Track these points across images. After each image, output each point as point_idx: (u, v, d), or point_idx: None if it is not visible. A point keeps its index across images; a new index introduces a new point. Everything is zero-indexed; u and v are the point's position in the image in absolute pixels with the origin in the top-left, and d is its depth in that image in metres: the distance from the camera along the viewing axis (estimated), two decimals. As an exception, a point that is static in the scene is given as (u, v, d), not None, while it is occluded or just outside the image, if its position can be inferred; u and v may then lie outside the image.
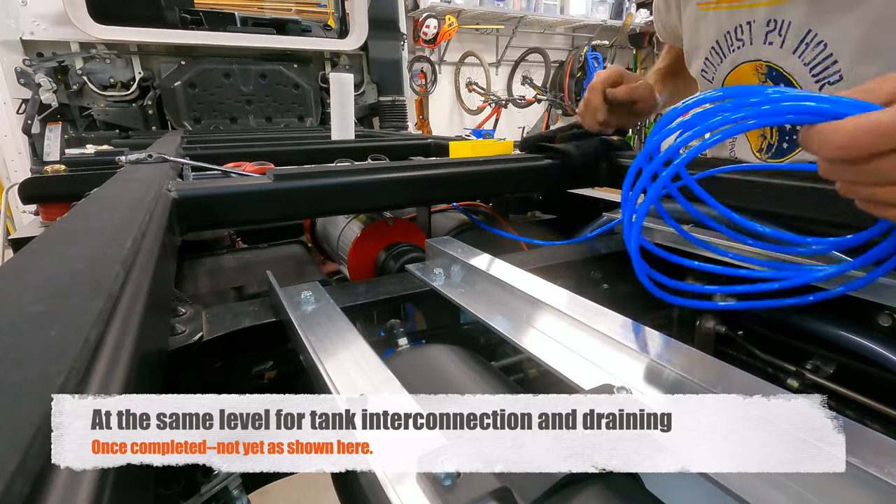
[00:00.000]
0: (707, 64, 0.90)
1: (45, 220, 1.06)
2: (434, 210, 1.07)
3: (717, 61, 0.88)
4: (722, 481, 0.29)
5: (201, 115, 2.44)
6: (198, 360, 0.52)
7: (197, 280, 0.92)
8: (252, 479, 0.58)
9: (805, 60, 0.74)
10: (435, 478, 0.26)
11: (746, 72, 0.84)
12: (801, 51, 0.74)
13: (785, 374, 0.74)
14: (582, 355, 0.44)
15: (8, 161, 2.32)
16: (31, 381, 0.20)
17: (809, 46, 0.73)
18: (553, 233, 1.08)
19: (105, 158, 1.23)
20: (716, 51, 0.87)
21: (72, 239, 0.41)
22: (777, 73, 0.79)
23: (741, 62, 0.84)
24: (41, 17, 2.16)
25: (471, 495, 0.25)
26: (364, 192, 0.79)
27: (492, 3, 5.26)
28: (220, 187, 0.71)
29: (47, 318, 0.26)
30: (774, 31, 0.77)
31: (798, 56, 0.75)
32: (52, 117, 2.17)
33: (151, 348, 0.37)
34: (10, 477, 0.15)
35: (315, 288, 0.57)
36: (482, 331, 0.72)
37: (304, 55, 2.67)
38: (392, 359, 0.50)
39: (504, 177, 0.92)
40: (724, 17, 0.83)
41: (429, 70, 5.31)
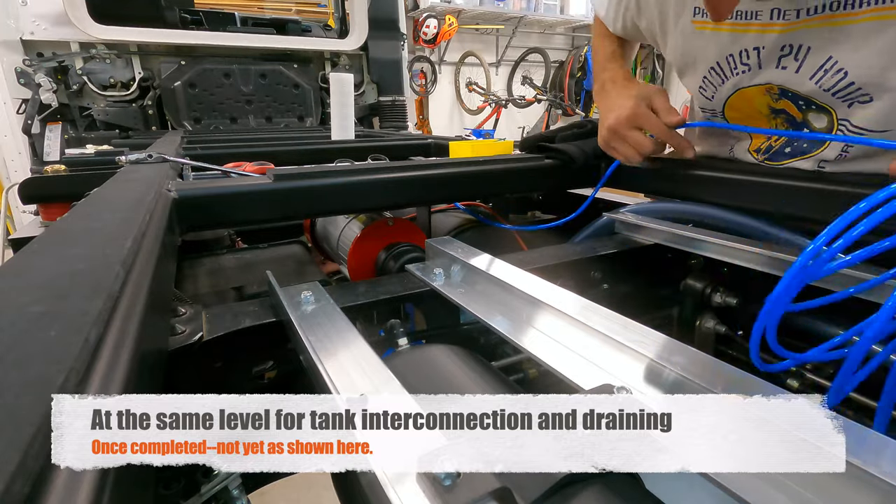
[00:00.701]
0: (706, 83, 0.85)
1: (45, 220, 1.06)
2: (434, 210, 1.07)
3: (717, 82, 0.83)
4: (722, 481, 0.29)
5: (201, 115, 2.44)
6: (198, 360, 0.52)
7: (197, 280, 0.92)
8: (252, 479, 0.58)
9: (825, 87, 0.70)
10: (435, 478, 0.26)
11: (754, 94, 0.80)
12: (820, 77, 0.70)
13: (785, 373, 0.74)
14: (582, 355, 0.44)
15: (8, 161, 2.32)
16: (31, 381, 0.20)
17: (829, 73, 0.69)
18: (553, 233, 1.08)
19: (105, 158, 1.23)
20: (716, 72, 0.82)
21: (72, 239, 0.41)
22: (793, 94, 0.75)
23: (747, 86, 0.79)
24: (41, 17, 2.16)
25: (471, 495, 0.25)
26: (364, 192, 0.79)
27: (492, 3, 5.26)
28: (220, 187, 0.71)
29: (47, 318, 0.26)
30: (790, 55, 0.72)
31: (816, 82, 0.71)
32: (52, 117, 2.17)
33: (151, 348, 0.37)
34: (10, 477, 0.15)
35: (315, 288, 0.57)
36: (482, 331, 0.72)
37: (304, 55, 2.67)
38: (392, 359, 0.50)
39: (504, 177, 0.92)
40: (726, 39, 0.78)
41: (429, 70, 5.31)
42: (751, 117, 0.85)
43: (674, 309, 0.88)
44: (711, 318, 0.83)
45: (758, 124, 0.85)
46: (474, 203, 1.11)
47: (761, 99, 0.80)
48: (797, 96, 0.75)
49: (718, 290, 0.79)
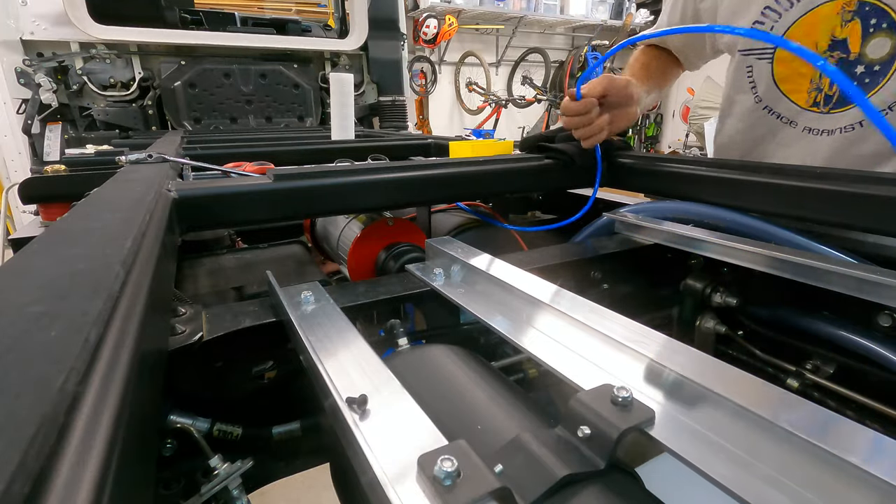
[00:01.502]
0: (767, 13, 0.82)
1: (45, 220, 1.05)
2: (434, 210, 1.07)
3: (784, 7, 0.80)
4: (722, 481, 0.29)
5: (201, 115, 2.44)
6: (198, 360, 0.52)
7: (197, 280, 0.92)
8: (252, 479, 0.58)
9: None
10: (435, 478, 0.26)
11: (825, 14, 0.77)
12: None
13: (785, 374, 0.74)
14: (582, 355, 0.44)
15: (8, 161, 2.32)
16: (31, 381, 0.20)
17: None
18: (553, 233, 1.08)
19: (105, 158, 1.23)
20: None
21: (72, 239, 0.41)
22: (872, 6, 0.73)
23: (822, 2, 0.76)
24: (41, 17, 2.16)
25: (471, 495, 0.25)
26: (364, 192, 0.79)
27: (492, 3, 5.26)
28: (220, 187, 0.71)
29: (47, 318, 0.26)
30: None
31: None
32: (52, 117, 2.17)
33: (151, 348, 0.37)
34: (10, 477, 0.15)
35: (315, 288, 0.57)
36: (482, 331, 0.72)
37: (304, 55, 2.67)
38: (392, 359, 0.50)
39: (504, 177, 0.92)
40: None
41: (429, 70, 5.31)
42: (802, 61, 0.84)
43: (674, 309, 0.88)
44: (711, 318, 0.83)
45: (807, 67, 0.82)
46: (474, 203, 1.11)
47: (829, 23, 0.78)
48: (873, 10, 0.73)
49: (718, 290, 0.79)
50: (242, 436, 0.55)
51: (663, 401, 0.36)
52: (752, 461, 0.30)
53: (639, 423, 0.32)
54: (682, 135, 5.87)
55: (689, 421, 0.34)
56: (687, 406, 0.36)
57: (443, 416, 0.39)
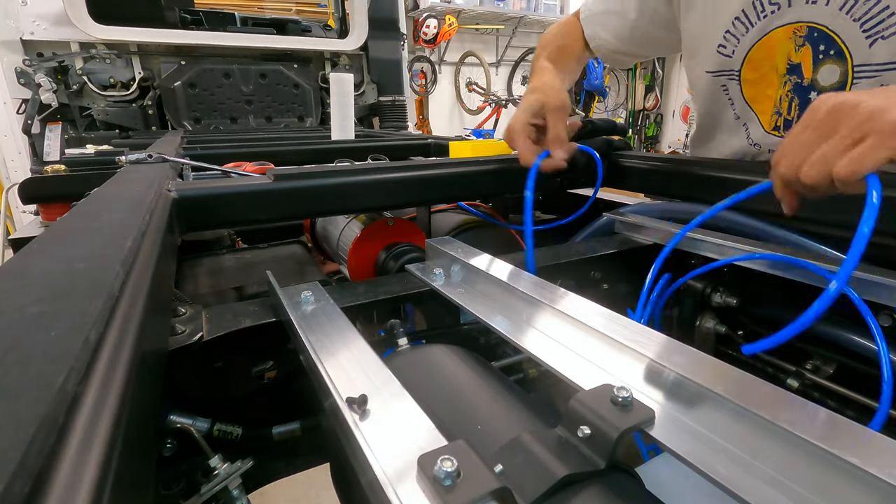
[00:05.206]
0: (728, 36, 0.84)
1: (45, 220, 1.05)
2: (434, 210, 1.07)
3: (741, 32, 0.82)
4: (722, 481, 0.29)
5: (201, 115, 2.44)
6: (198, 360, 0.52)
7: (197, 280, 0.92)
8: (252, 479, 0.58)
9: (855, 16, 0.70)
10: (435, 478, 0.26)
11: (779, 38, 0.79)
12: (851, 5, 0.70)
13: (785, 374, 0.74)
14: (582, 355, 0.44)
15: (8, 161, 2.32)
16: (31, 381, 0.20)
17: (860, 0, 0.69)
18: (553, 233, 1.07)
19: (105, 158, 1.23)
20: (741, 21, 0.81)
21: (72, 239, 0.41)
22: (820, 33, 0.74)
23: (773, 28, 0.79)
24: (41, 17, 2.16)
25: (471, 495, 0.25)
26: (364, 192, 0.79)
27: (492, 3, 5.26)
28: (220, 187, 0.71)
29: (47, 318, 0.26)
30: None
31: (847, 12, 0.71)
32: (52, 117, 2.17)
33: (151, 348, 0.37)
34: (10, 477, 0.15)
35: (315, 288, 0.57)
36: (482, 331, 0.72)
37: (304, 55, 2.67)
38: (392, 359, 0.50)
39: (504, 177, 0.92)
40: None
41: (429, 70, 5.30)
42: (766, 78, 0.84)
43: (674, 309, 0.88)
44: (711, 318, 0.83)
45: (772, 89, 0.83)
46: (474, 203, 1.11)
47: (784, 47, 0.79)
48: (821, 37, 0.74)
49: (718, 290, 0.79)
50: (242, 436, 0.55)
51: (663, 401, 0.36)
52: (752, 461, 0.30)
53: (639, 422, 0.32)
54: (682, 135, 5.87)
55: (689, 421, 0.34)
56: (687, 406, 0.36)
57: (443, 416, 0.39)
